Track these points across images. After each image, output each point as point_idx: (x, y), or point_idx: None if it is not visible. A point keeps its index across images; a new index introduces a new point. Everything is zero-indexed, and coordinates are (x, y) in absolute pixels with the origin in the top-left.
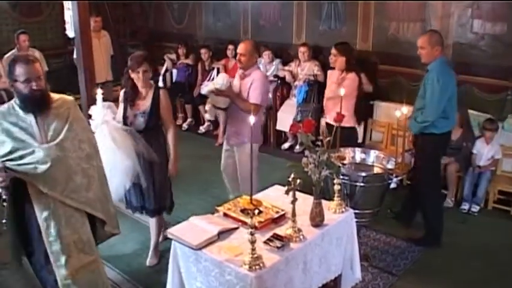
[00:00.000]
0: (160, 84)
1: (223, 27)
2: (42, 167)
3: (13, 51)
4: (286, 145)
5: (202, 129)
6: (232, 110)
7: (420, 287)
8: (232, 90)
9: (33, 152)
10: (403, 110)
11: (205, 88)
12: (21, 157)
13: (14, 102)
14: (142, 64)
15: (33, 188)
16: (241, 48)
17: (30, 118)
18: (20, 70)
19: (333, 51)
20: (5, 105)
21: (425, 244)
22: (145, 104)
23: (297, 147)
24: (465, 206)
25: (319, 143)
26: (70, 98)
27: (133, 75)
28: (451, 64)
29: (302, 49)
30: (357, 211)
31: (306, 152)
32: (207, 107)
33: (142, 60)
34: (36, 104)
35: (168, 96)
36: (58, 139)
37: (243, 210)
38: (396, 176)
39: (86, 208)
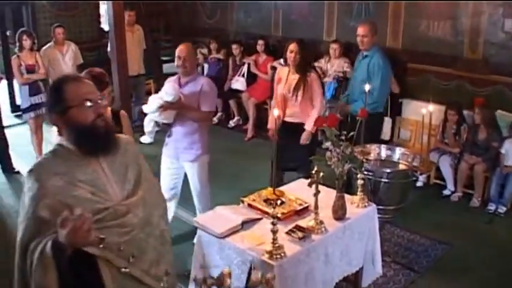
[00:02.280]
0: None
1: (254, 22)
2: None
3: (50, 44)
4: None
5: (232, 123)
6: (181, 123)
7: (442, 285)
8: (182, 101)
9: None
10: (429, 108)
11: (152, 105)
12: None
13: (61, 146)
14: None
15: (107, 267)
16: (182, 51)
17: (92, 164)
18: (78, 89)
19: (293, 46)
20: (45, 153)
21: None
22: None
23: (326, 143)
24: (491, 207)
25: (343, 137)
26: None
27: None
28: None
29: (334, 46)
30: (380, 207)
31: (330, 146)
32: (148, 128)
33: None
34: (107, 139)
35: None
36: (139, 193)
37: (266, 200)
38: (421, 173)
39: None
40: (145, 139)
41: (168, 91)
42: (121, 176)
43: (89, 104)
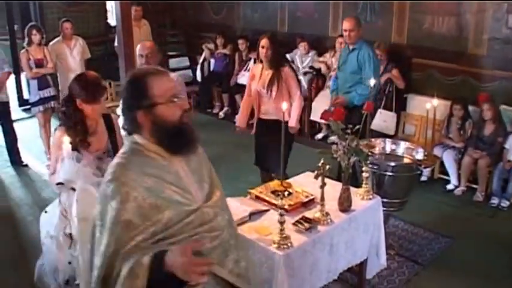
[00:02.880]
0: (198, 73)
1: (261, 18)
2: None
3: (58, 38)
4: (320, 135)
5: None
6: None
7: (445, 277)
8: None
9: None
10: (434, 103)
11: None
12: (178, 229)
13: (139, 145)
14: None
15: None
16: (145, 49)
17: (174, 164)
18: (164, 85)
19: (264, 42)
20: (123, 153)
21: None
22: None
23: (331, 137)
24: (494, 201)
25: (349, 131)
26: None
27: (86, 106)
28: None
29: (340, 40)
30: (385, 200)
31: (336, 139)
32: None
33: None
34: (191, 138)
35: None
36: (218, 193)
37: (273, 192)
38: (425, 167)
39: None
40: None
41: None
42: (199, 175)
43: (175, 99)
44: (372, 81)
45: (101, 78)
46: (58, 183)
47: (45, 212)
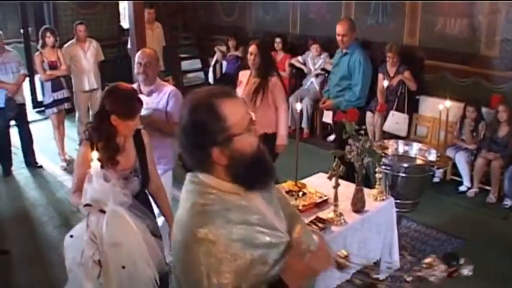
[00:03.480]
0: (211, 75)
1: (272, 20)
2: None
3: (72, 41)
4: (331, 137)
5: None
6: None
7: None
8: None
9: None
10: (446, 104)
11: None
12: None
13: (214, 188)
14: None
15: None
16: (144, 56)
17: (252, 201)
18: (239, 110)
19: (252, 48)
20: (200, 204)
21: None
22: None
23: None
24: (507, 202)
25: (363, 132)
26: None
27: (121, 123)
28: None
29: None
30: (398, 201)
31: (350, 141)
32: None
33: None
34: (270, 167)
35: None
36: (297, 225)
37: (288, 192)
38: (438, 168)
39: None
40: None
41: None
42: (274, 204)
43: (252, 127)
44: (358, 89)
45: (136, 90)
46: (86, 205)
47: (71, 236)
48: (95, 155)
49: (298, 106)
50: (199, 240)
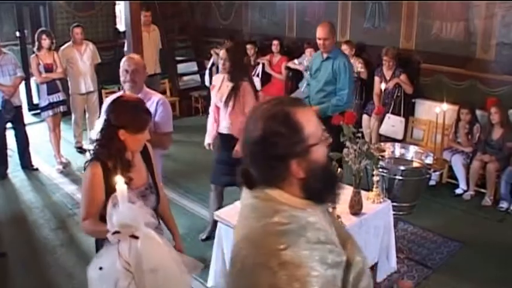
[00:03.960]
0: (207, 78)
1: (269, 23)
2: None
3: (68, 43)
4: None
5: None
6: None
7: (454, 281)
8: None
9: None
10: (443, 107)
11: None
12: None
13: (285, 205)
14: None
15: None
16: (130, 64)
17: (318, 217)
18: (313, 119)
19: (222, 53)
20: (271, 218)
21: None
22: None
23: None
24: (503, 205)
25: (360, 134)
26: None
27: (130, 137)
28: None
29: (344, 47)
30: (394, 204)
31: (347, 143)
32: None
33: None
34: (338, 179)
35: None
36: (349, 237)
37: None
38: (434, 171)
39: None
40: None
41: None
42: (329, 220)
43: (325, 135)
44: (346, 93)
45: (143, 101)
46: (115, 232)
47: (100, 268)
48: (119, 179)
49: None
50: (284, 264)
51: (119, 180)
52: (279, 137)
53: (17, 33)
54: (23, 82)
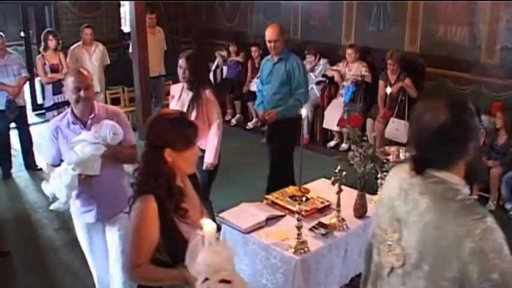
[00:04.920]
0: (211, 80)
1: None
2: None
3: (78, 43)
4: (332, 143)
5: (250, 125)
6: (107, 170)
7: None
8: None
9: None
10: None
11: (86, 150)
12: None
13: (459, 186)
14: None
15: None
16: (82, 78)
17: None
18: None
19: (181, 62)
20: (452, 196)
21: None
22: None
23: (343, 145)
24: (507, 206)
25: (365, 138)
26: None
27: (177, 157)
28: None
29: (349, 51)
30: None
31: (353, 147)
32: (63, 190)
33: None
34: None
35: None
36: None
37: (291, 197)
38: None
39: None
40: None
41: (115, 130)
42: None
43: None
44: (303, 92)
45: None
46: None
47: None
48: (207, 222)
49: (303, 112)
50: (485, 230)
51: (207, 224)
52: (465, 122)
53: (22, 34)
54: (28, 82)
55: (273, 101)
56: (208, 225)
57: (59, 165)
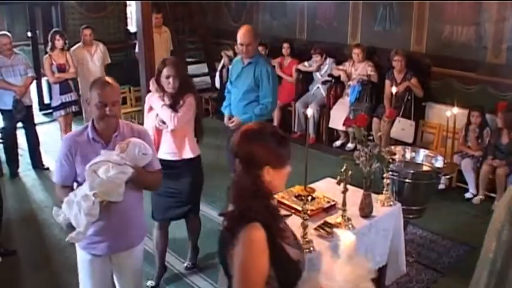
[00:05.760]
0: (217, 80)
1: (280, 26)
2: None
3: (79, 44)
4: (338, 143)
5: None
6: (124, 199)
7: (463, 285)
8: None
9: None
10: (453, 111)
11: (96, 178)
12: None
13: None
14: None
15: None
16: (110, 93)
17: None
18: None
19: (169, 71)
20: None
21: None
22: None
23: (349, 145)
24: None
25: (371, 137)
26: None
27: (274, 174)
28: None
29: (356, 50)
30: (404, 207)
31: (358, 146)
32: (83, 219)
33: None
34: None
35: None
36: None
37: (297, 196)
38: (445, 175)
39: None
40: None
41: (144, 149)
42: None
43: None
44: (270, 102)
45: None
46: None
47: None
48: (345, 234)
49: (309, 112)
50: None
51: (344, 234)
52: None
53: (29, 34)
54: (34, 82)
55: (239, 107)
56: (346, 237)
57: (70, 186)
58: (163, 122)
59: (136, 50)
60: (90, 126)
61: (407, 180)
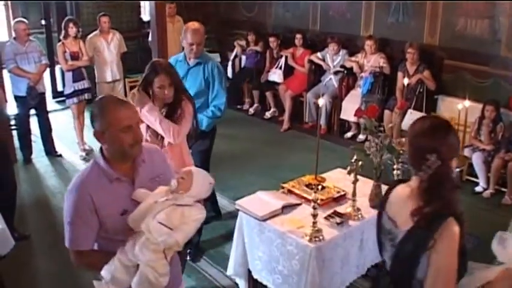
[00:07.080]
0: (230, 69)
1: (292, 16)
2: None
3: (95, 32)
4: (349, 134)
5: (268, 114)
6: None
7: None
8: None
9: None
10: (465, 104)
11: (163, 228)
12: None
13: None
14: None
15: None
16: (132, 113)
17: None
18: None
19: (163, 80)
20: None
21: None
22: None
23: (360, 136)
24: None
25: (382, 128)
26: None
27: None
28: None
29: (369, 42)
30: None
31: (369, 137)
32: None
33: None
34: None
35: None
36: None
37: (307, 185)
38: (455, 168)
39: None
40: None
41: (209, 178)
42: None
43: None
44: (223, 103)
45: None
46: None
47: None
48: None
49: (321, 101)
50: None
51: None
52: None
53: (43, 22)
54: (48, 69)
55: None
56: None
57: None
58: (157, 136)
59: (150, 38)
60: (101, 162)
61: None
